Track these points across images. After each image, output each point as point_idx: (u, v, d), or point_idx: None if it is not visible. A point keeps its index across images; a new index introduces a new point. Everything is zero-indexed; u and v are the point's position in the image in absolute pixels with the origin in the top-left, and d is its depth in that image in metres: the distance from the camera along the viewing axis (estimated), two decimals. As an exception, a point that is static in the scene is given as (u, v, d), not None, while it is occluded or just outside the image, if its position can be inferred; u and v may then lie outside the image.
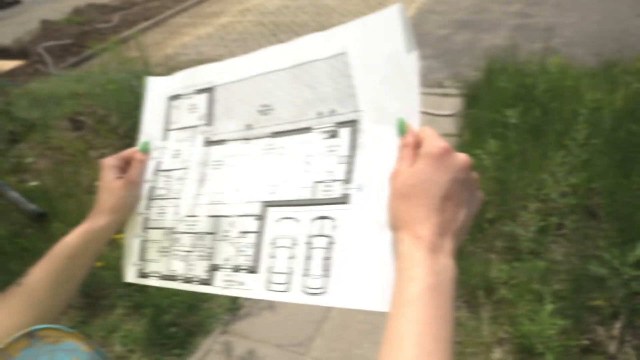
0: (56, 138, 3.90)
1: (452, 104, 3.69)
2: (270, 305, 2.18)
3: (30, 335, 0.39)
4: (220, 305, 2.20)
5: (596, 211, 2.01)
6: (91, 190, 3.21)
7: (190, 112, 0.69)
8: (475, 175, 0.47)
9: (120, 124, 3.90)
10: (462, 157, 0.46)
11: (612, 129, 2.15)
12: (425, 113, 3.67)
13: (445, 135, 2.26)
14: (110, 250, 2.60)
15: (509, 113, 2.60)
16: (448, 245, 0.43)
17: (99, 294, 2.30)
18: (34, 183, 3.27)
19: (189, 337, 2.05)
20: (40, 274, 0.58)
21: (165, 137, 0.72)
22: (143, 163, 0.70)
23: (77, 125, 4.04)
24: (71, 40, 7.50)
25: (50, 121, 4.15)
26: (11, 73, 6.62)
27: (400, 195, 0.45)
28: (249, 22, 7.54)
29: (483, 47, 4.61)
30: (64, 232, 1.18)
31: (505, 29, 5.34)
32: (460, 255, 2.08)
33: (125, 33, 7.79)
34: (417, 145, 0.47)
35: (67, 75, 6.06)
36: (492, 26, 5.57)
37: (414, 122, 0.50)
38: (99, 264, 2.39)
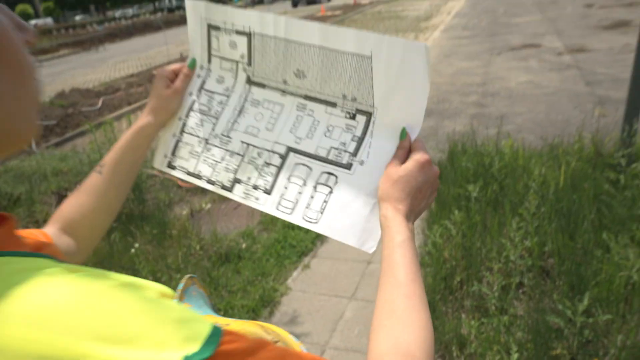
0: (42, 212, 3.99)
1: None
2: None
3: (192, 278, 0.59)
4: None
5: (549, 270, 2.27)
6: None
7: (231, 47, 0.80)
8: (438, 182, 0.69)
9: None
10: (435, 169, 0.67)
11: (557, 199, 2.49)
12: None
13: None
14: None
15: (471, 188, 2.92)
16: (412, 218, 0.64)
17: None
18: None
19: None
20: (108, 162, 0.76)
21: (209, 60, 0.83)
22: (188, 77, 0.83)
23: (62, 200, 4.16)
24: (55, 122, 7.75)
25: (36, 196, 4.26)
26: (-8, 151, 6.74)
27: (390, 180, 0.65)
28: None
29: (446, 132, 5.10)
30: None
31: (464, 117, 5.92)
32: (434, 315, 2.27)
33: (109, 116, 8.13)
34: (410, 150, 0.67)
35: (51, 154, 6.22)
36: (454, 114, 6.16)
37: (413, 134, 0.67)
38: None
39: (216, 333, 0.32)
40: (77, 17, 62.65)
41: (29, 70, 0.43)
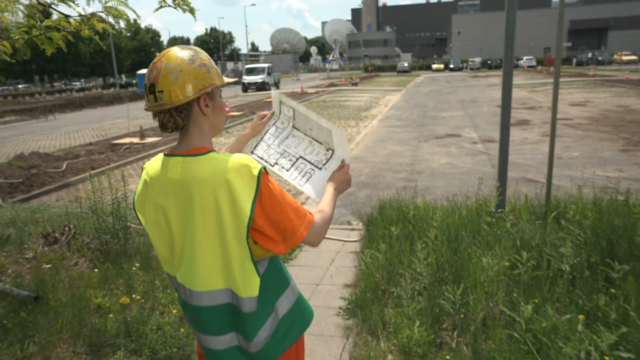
0: (31, 249, 4.55)
1: (358, 234, 5.06)
2: None
3: None
4: (198, 349, 2.98)
5: (443, 277, 3.27)
6: (73, 285, 3.87)
7: (288, 112, 1.77)
8: (350, 178, 1.66)
9: (91, 241, 4.67)
10: (349, 176, 1.65)
11: (449, 232, 3.57)
12: (337, 240, 4.97)
13: (352, 252, 3.76)
14: (120, 309, 3.29)
15: (393, 229, 3.96)
16: (337, 193, 1.59)
17: (102, 343, 2.97)
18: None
19: (177, 367, 2.79)
20: (229, 148, 1.73)
21: (279, 115, 1.81)
22: (270, 118, 1.80)
23: (50, 240, 4.74)
24: (21, 180, 8.19)
25: (25, 237, 4.81)
26: (-41, 204, 7.04)
27: (331, 176, 1.62)
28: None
29: (379, 200, 6.24)
30: (56, 313, 2.36)
31: (394, 189, 7.12)
32: (366, 309, 3.15)
33: (73, 178, 8.67)
34: (342, 167, 1.66)
35: (20, 207, 6.68)
36: (386, 187, 7.37)
37: (346, 160, 1.66)
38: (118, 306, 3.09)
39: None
40: (20, 86, 62.12)
41: (223, 107, 1.44)
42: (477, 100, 20.64)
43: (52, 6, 2.32)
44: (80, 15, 2.31)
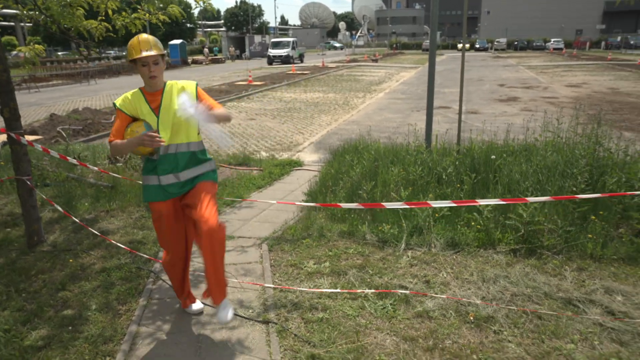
0: (102, 165, 6.57)
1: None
2: (233, 218, 4.93)
3: None
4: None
5: (366, 180, 5.11)
6: (132, 182, 5.86)
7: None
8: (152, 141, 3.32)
9: (141, 162, 6.65)
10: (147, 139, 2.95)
11: (380, 157, 5.41)
12: (313, 170, 6.84)
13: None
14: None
15: (347, 156, 5.81)
16: (133, 142, 3.03)
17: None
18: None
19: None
20: None
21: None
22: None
23: (113, 160, 6.75)
24: (81, 127, 10.30)
25: (96, 158, 6.84)
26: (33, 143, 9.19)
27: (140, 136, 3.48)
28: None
29: (344, 140, 8.04)
30: (124, 193, 4.41)
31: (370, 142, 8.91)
32: (320, 196, 5.05)
33: (120, 127, 10.72)
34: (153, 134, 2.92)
35: (84, 145, 8.75)
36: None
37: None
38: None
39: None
40: (60, 53, 65.31)
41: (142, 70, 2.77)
42: (483, 79, 21.90)
43: (139, 5, 4.18)
44: (150, 10, 4.14)
